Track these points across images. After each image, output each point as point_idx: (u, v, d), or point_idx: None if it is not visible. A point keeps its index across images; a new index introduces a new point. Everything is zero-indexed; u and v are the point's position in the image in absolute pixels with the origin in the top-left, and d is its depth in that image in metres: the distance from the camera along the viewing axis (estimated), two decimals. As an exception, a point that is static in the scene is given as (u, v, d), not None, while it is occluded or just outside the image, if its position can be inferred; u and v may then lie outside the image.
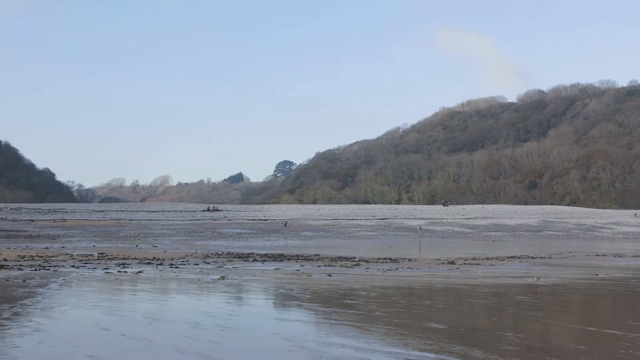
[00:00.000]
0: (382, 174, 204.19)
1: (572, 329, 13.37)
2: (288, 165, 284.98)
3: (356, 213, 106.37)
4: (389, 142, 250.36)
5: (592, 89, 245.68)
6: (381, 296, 18.12)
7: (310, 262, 30.10)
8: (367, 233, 70.54)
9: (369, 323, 13.40)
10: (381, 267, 27.51)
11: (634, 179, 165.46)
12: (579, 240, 65.39)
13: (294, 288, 19.84)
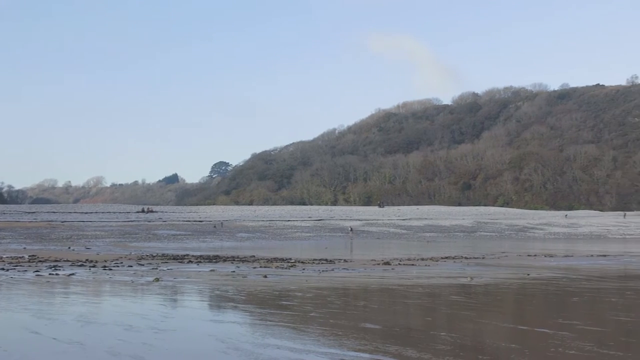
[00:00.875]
0: (318, 175, 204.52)
1: (505, 327, 13.56)
2: (224, 166, 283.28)
3: (292, 214, 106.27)
4: (325, 144, 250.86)
5: (525, 92, 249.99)
6: (317, 297, 18.13)
7: (246, 264, 29.99)
8: (303, 234, 70.57)
9: (305, 324, 13.39)
10: (317, 268, 27.54)
11: (564, 181, 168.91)
12: (512, 240, 66.42)
13: (229, 289, 19.74)
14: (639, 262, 34.07)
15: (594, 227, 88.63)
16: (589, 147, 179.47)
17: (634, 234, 78.02)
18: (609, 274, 26.47)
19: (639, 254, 42.07)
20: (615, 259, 35.77)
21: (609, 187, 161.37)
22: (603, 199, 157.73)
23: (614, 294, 19.63)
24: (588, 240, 66.78)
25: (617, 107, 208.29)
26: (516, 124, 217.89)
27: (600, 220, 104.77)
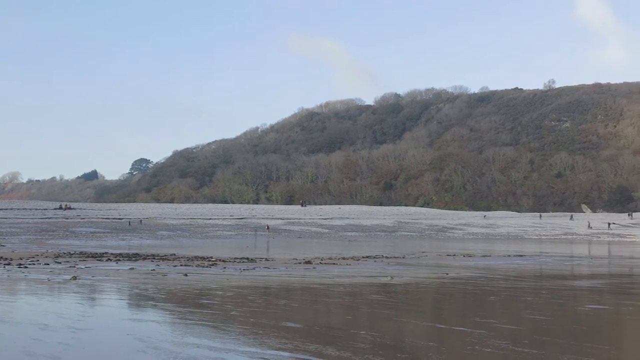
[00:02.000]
0: (240, 174, 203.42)
1: (424, 326, 13.71)
2: (145, 163, 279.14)
3: (214, 212, 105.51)
4: (247, 142, 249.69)
5: (446, 94, 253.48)
6: (237, 296, 18.05)
7: (166, 262, 29.66)
8: (224, 233, 70.17)
9: (225, 323, 13.31)
10: (238, 267, 27.42)
11: (483, 182, 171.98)
12: (432, 240, 67.28)
13: (149, 288, 19.49)
14: (554, 262, 34.90)
15: (511, 228, 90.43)
16: (507, 149, 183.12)
17: (549, 235, 79.89)
18: (525, 274, 27.05)
19: (554, 254, 43.11)
20: (531, 259, 36.58)
21: (526, 189, 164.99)
22: (520, 200, 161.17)
23: (530, 293, 20.04)
24: (505, 241, 68.11)
25: (535, 110, 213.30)
26: (437, 125, 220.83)
27: (517, 221, 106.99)
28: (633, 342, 12.45)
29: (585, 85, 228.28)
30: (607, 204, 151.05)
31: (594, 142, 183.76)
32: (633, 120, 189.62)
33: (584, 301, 17.96)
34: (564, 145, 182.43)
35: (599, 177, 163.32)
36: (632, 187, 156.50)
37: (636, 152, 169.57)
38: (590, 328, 13.68)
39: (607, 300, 18.52)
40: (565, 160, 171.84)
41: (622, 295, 20.00)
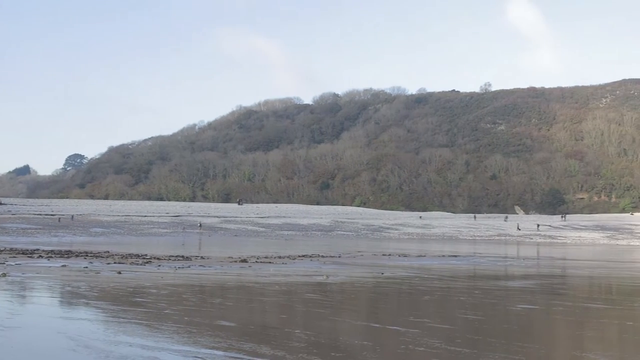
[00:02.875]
0: (176, 171, 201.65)
1: (358, 325, 13.76)
2: (79, 158, 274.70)
3: (149, 210, 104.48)
4: (184, 139, 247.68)
5: (384, 95, 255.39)
6: (172, 294, 17.87)
7: (99, 259, 29.22)
8: (160, 230, 69.54)
9: (159, 321, 13.16)
10: (173, 265, 27.16)
11: (419, 183, 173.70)
12: (368, 240, 67.61)
13: (81, 286, 19.16)
14: (488, 262, 35.38)
15: (446, 229, 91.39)
16: (443, 150, 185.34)
17: (483, 236, 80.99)
18: (459, 274, 27.37)
19: (487, 254, 43.70)
20: (465, 259, 37.02)
21: (461, 190, 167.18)
22: (455, 201, 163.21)
23: (463, 293, 20.27)
24: (440, 241, 68.81)
25: (471, 113, 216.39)
26: (375, 125, 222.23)
27: (452, 221, 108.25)
28: (562, 341, 12.68)
29: (520, 89, 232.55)
30: (540, 206, 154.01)
31: (528, 145, 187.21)
32: (565, 125, 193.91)
33: (515, 301, 18.23)
34: (498, 148, 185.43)
35: (532, 179, 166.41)
36: (564, 189, 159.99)
37: (568, 156, 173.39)
38: (521, 327, 13.90)
39: (538, 300, 18.83)
40: (499, 162, 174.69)
41: (553, 295, 20.36)
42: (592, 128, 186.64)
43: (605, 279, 27.32)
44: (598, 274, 29.62)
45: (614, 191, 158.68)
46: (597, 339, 12.54)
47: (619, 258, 44.22)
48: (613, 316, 15.80)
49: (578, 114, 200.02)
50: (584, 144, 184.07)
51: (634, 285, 24.44)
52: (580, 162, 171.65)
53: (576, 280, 27.53)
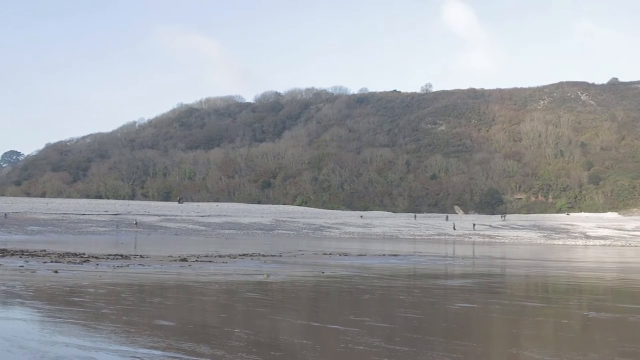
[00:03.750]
0: (116, 169, 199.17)
1: (299, 324, 13.75)
2: (15, 155, 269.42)
3: (87, 208, 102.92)
4: (124, 137, 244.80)
5: (326, 94, 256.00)
6: (110, 293, 17.64)
7: (35, 258, 28.69)
8: (98, 229, 68.61)
9: (96, 321, 12.98)
10: (112, 264, 26.81)
11: (360, 182, 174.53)
12: (309, 239, 67.66)
13: (16, 285, 18.79)
14: (427, 261, 35.70)
15: (387, 228, 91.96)
16: (384, 150, 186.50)
17: (423, 235, 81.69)
18: (399, 273, 27.57)
19: (427, 253, 44.11)
20: (405, 259, 37.31)
21: (402, 190, 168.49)
22: (396, 201, 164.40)
23: (403, 291, 20.41)
24: (381, 240, 69.20)
25: (412, 113, 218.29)
26: (317, 125, 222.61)
27: (393, 221, 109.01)
28: (499, 339, 12.86)
29: (460, 90, 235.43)
30: (479, 206, 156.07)
31: (468, 146, 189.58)
32: (504, 126, 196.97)
33: (454, 300, 18.43)
34: (439, 148, 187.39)
35: (471, 179, 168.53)
36: (502, 189, 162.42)
37: (506, 157, 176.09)
38: (459, 326, 14.04)
39: (476, 299, 19.06)
40: (439, 162, 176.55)
41: (490, 294, 20.63)
42: (530, 129, 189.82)
43: (541, 278, 27.78)
44: (535, 273, 30.11)
45: (551, 191, 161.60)
46: (533, 337, 12.74)
47: (555, 257, 45.01)
48: (549, 314, 16.08)
49: (516, 116, 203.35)
50: (522, 145, 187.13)
51: (569, 284, 24.89)
52: (518, 163, 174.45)
53: (513, 279, 27.94)
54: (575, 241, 75.34)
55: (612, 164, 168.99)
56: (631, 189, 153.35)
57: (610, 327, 14.08)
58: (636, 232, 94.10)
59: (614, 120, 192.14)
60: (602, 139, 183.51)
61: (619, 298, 20.77)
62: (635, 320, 14.64)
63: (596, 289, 23.68)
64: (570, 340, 12.68)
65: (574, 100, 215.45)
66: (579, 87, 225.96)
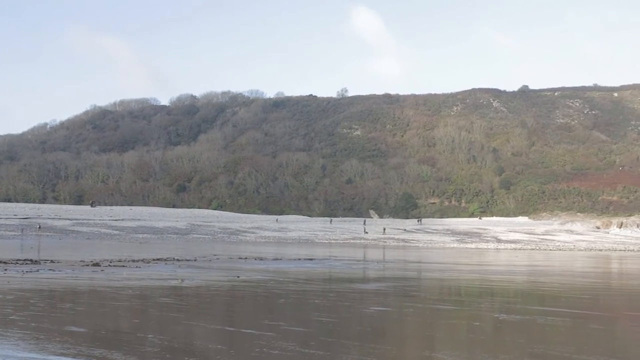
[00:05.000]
0: (26, 171, 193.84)
1: (213, 329, 13.65)
2: None
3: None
4: (35, 138, 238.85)
5: (242, 98, 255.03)
6: (18, 299, 17.17)
7: (-60, 263, 27.78)
8: (7, 233, 66.85)
9: (4, 328, 12.61)
10: (21, 269, 26.13)
11: (276, 186, 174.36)
12: (224, 243, 67.30)
13: None
14: (342, 265, 35.91)
15: (302, 232, 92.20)
16: (300, 154, 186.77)
17: (338, 239, 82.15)
18: (315, 277, 27.65)
19: (342, 257, 44.37)
20: (321, 263, 37.44)
21: (318, 194, 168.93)
22: (312, 205, 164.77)
23: (318, 295, 20.48)
24: (297, 244, 69.30)
25: (328, 117, 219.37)
26: (232, 128, 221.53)
27: (308, 225, 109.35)
28: (413, 341, 13.01)
29: (376, 95, 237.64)
30: (394, 210, 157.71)
31: (383, 151, 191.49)
32: (419, 131, 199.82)
33: (369, 303, 18.57)
34: (354, 153, 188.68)
35: (386, 184, 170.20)
36: (417, 194, 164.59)
37: (421, 162, 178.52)
38: (374, 329, 14.16)
39: (391, 302, 19.25)
40: (355, 167, 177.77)
41: (405, 297, 20.86)
42: (443, 135, 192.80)
43: (454, 281, 28.24)
44: (448, 277, 30.58)
45: (464, 196, 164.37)
46: (447, 339, 12.93)
47: (467, 261, 45.84)
48: (461, 317, 16.36)
49: (430, 121, 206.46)
50: (436, 150, 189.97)
51: (482, 287, 25.40)
52: (432, 168, 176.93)
53: (427, 282, 28.32)
54: (488, 245, 76.96)
55: (522, 169, 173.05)
56: (541, 194, 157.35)
57: (520, 329, 14.40)
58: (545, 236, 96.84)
59: (525, 127, 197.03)
60: (513, 144, 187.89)
61: (528, 300, 21.27)
62: (543, 322, 15.01)
63: (507, 291, 24.23)
64: (482, 342, 12.92)
65: (486, 107, 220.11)
66: (491, 93, 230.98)
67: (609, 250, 70.97)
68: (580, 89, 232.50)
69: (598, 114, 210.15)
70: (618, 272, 39.06)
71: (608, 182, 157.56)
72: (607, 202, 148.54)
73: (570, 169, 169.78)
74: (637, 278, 34.08)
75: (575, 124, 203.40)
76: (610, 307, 19.97)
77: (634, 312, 18.38)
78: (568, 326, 14.93)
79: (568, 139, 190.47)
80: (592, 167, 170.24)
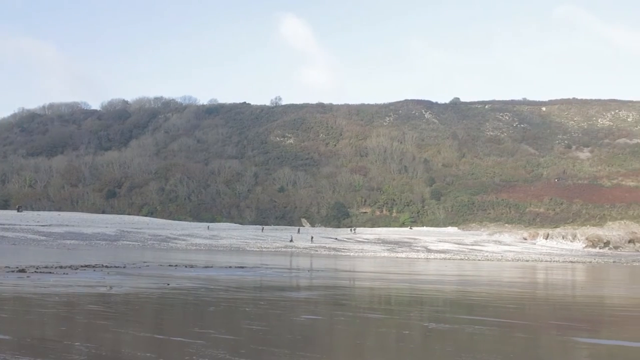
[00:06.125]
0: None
1: (142, 337, 13.51)
2: None
3: None
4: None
5: (175, 104, 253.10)
6: (-60, 306, 16.74)
7: None
8: None
9: None
10: (-57, 275, 25.47)
11: (208, 193, 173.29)
12: (154, 250, 66.62)
13: None
14: (274, 274, 35.87)
15: (234, 240, 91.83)
16: (233, 162, 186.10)
17: (270, 247, 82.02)
18: (246, 285, 27.58)
19: (274, 266, 44.32)
20: (252, 271, 37.34)
21: (250, 202, 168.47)
22: (244, 213, 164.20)
23: (249, 303, 20.42)
24: (228, 252, 68.96)
25: (261, 125, 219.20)
26: (165, 134, 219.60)
27: (240, 233, 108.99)
28: (343, 350, 13.07)
29: (309, 105, 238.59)
30: (326, 219, 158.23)
31: (316, 159, 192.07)
32: (351, 141, 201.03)
33: (300, 312, 18.59)
34: (287, 161, 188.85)
35: (318, 193, 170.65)
36: (348, 203, 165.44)
37: (353, 171, 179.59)
38: (304, 337, 14.18)
39: (321, 310, 19.31)
40: (288, 175, 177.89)
41: (336, 306, 20.95)
42: (375, 145, 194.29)
43: (385, 290, 28.46)
44: (379, 285, 30.81)
45: (395, 206, 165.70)
46: (376, 348, 13.02)
47: (398, 270, 46.26)
48: (391, 325, 16.50)
49: (363, 131, 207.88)
50: (368, 159, 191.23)
51: (412, 296, 25.65)
52: (364, 178, 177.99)
53: (358, 291, 28.48)
54: (418, 254, 77.77)
55: (452, 180, 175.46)
56: (470, 205, 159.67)
57: (448, 338, 14.58)
58: (474, 246, 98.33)
59: (455, 139, 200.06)
60: (444, 156, 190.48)
61: (457, 309, 21.56)
62: (471, 331, 15.23)
63: (436, 300, 24.52)
64: (411, 350, 13.05)
65: (418, 118, 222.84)
66: (423, 105, 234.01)
67: (536, 261, 72.41)
68: (509, 102, 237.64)
69: (527, 127, 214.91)
70: (544, 282, 39.88)
71: (535, 194, 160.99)
72: (534, 213, 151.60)
73: (499, 181, 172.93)
74: (562, 288, 34.83)
75: (504, 137, 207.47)
76: (535, 316, 20.38)
77: (559, 322, 18.77)
78: (495, 335, 15.19)
79: (497, 151, 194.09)
80: (520, 180, 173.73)
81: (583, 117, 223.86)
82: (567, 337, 15.20)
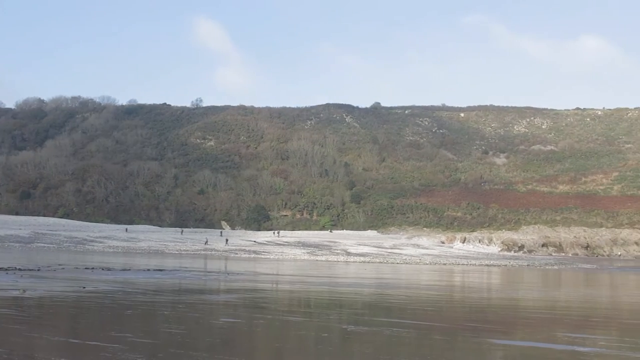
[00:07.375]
0: None
1: (57, 341, 13.21)
2: None
3: None
4: None
5: (93, 104, 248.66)
6: None
7: None
8: None
9: None
10: None
11: (126, 195, 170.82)
12: (70, 253, 65.35)
13: None
14: (193, 276, 35.60)
15: (152, 242, 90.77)
16: (152, 163, 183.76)
17: (189, 250, 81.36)
18: (164, 288, 27.26)
19: (193, 269, 44.00)
20: (171, 274, 36.98)
21: (169, 204, 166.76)
22: (163, 215, 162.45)
23: (168, 306, 20.21)
24: (146, 255, 68.12)
25: (181, 127, 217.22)
26: (82, 135, 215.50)
27: (159, 235, 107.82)
28: (262, 352, 13.03)
29: (231, 107, 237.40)
30: (246, 222, 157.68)
31: (236, 162, 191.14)
32: (273, 144, 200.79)
33: (219, 315, 18.48)
34: (207, 163, 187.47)
35: (239, 195, 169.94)
36: (269, 206, 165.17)
37: (274, 174, 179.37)
38: (223, 340, 14.09)
39: (241, 313, 19.22)
40: (208, 177, 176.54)
41: (255, 309, 20.88)
42: (297, 148, 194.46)
43: (304, 293, 28.51)
44: (298, 289, 30.84)
45: (315, 209, 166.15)
46: (295, 350, 13.02)
47: (317, 273, 46.42)
48: (310, 328, 16.52)
49: (284, 134, 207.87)
50: (289, 163, 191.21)
51: (331, 299, 25.75)
52: (285, 181, 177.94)
53: (278, 294, 28.47)
54: (337, 257, 78.09)
55: (372, 184, 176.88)
56: (389, 209, 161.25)
57: (367, 340, 14.68)
58: (393, 249, 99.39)
59: (376, 143, 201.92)
60: (365, 160, 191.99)
61: (375, 312, 21.74)
62: (390, 333, 15.37)
63: (355, 303, 24.68)
64: (330, 353, 13.08)
65: (339, 122, 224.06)
66: (344, 109, 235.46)
67: (453, 264, 73.58)
68: (429, 108, 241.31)
69: (446, 132, 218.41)
70: (460, 285, 40.58)
71: (453, 198, 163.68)
72: (452, 217, 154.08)
73: (418, 185, 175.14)
74: (478, 291, 35.47)
75: (424, 142, 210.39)
76: (452, 318, 20.70)
77: (475, 324, 19.11)
78: (413, 337, 15.36)
79: (417, 156, 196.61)
80: (438, 184, 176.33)
81: (500, 123, 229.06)
82: (482, 339, 15.48)
